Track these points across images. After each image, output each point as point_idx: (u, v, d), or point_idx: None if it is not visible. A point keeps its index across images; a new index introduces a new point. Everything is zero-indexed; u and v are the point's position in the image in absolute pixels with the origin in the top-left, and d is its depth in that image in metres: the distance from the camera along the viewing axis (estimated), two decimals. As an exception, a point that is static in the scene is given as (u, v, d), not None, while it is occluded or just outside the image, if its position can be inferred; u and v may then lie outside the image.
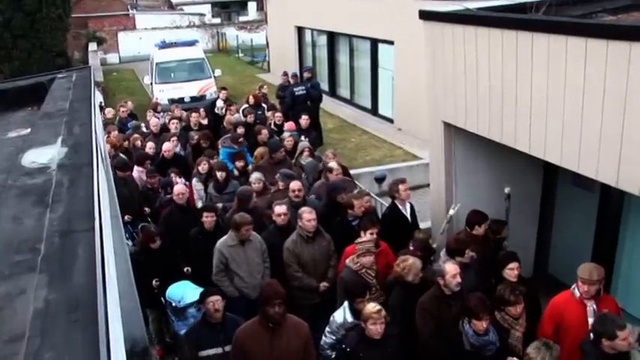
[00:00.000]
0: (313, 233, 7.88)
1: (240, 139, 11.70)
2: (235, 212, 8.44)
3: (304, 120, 13.54)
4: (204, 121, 14.83)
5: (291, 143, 11.82)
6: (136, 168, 11.17)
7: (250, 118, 14.08)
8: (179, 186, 9.61)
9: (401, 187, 8.74)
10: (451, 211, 8.93)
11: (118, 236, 6.26)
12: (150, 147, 12.30)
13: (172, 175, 10.91)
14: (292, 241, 7.93)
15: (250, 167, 11.34)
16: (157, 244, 8.40)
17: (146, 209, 10.27)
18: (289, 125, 13.42)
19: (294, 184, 9.01)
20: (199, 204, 10.23)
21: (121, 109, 15.72)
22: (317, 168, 10.43)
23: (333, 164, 9.94)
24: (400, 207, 8.77)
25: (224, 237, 8.01)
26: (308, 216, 7.83)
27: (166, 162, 11.66)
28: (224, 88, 17.30)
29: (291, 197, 8.89)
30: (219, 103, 16.32)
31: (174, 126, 13.42)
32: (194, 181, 10.61)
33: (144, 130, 14.32)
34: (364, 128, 18.82)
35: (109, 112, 15.67)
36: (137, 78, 30.34)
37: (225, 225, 8.50)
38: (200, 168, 10.67)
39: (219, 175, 10.02)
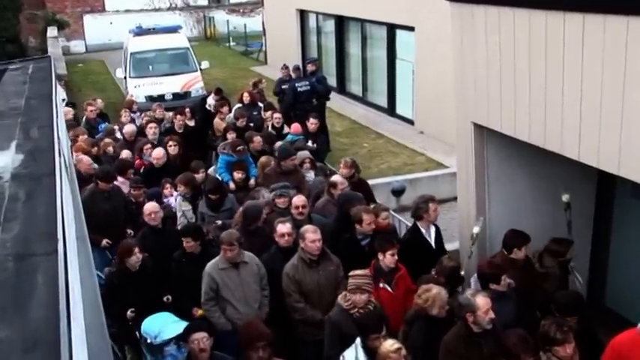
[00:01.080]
0: (318, 256, 7.86)
1: (240, 147, 11.59)
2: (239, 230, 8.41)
3: (312, 124, 13.46)
4: (191, 123, 14.82)
5: None
6: (118, 179, 10.94)
7: (242, 122, 13.98)
8: (149, 204, 9.48)
9: (431, 206, 8.67)
10: (475, 229, 8.87)
11: (84, 261, 6.23)
12: (126, 155, 12.21)
13: (167, 186, 10.86)
14: (292, 266, 7.90)
15: (252, 181, 11.31)
16: (135, 259, 8.36)
17: (129, 231, 10.14)
18: (295, 128, 13.31)
19: (298, 200, 8.97)
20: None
21: (89, 108, 15.61)
22: (322, 186, 10.33)
23: (336, 178, 9.89)
24: (423, 230, 8.75)
25: (215, 259, 8.01)
26: (312, 236, 7.79)
27: (156, 171, 11.55)
28: (219, 91, 17.15)
29: (293, 215, 8.86)
30: (211, 100, 16.28)
31: (152, 131, 13.22)
32: (179, 199, 10.42)
33: (118, 135, 14.20)
34: (379, 131, 18.84)
35: (68, 112, 15.20)
36: (107, 71, 30.41)
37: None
38: (182, 189, 10.39)
39: (214, 197, 9.91)
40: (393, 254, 7.73)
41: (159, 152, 11.79)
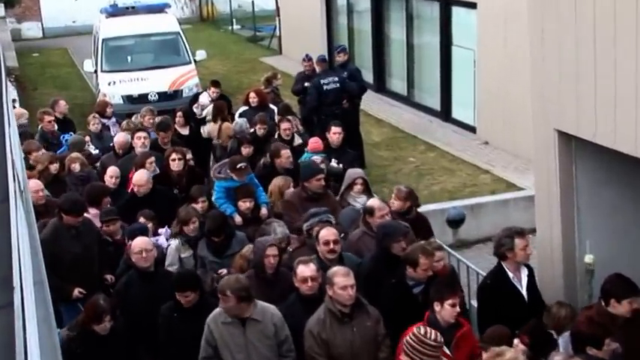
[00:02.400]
0: (351, 308, 7.82)
1: (242, 165, 11.45)
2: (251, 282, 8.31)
3: (335, 134, 13.36)
4: (185, 131, 14.79)
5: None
6: (90, 210, 10.64)
7: (261, 129, 13.95)
8: (140, 240, 9.29)
9: (518, 242, 8.51)
10: (588, 257, 8.75)
11: (43, 315, 6.23)
12: (112, 174, 11.88)
13: (141, 221, 10.50)
14: (318, 321, 7.86)
15: (264, 211, 11.16)
16: (104, 327, 8.34)
17: (108, 277, 10.03)
18: (314, 144, 13.19)
19: (327, 233, 8.90)
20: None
21: (46, 118, 14.90)
22: (357, 219, 10.23)
23: (374, 202, 9.85)
24: (510, 274, 8.62)
25: (219, 308, 8.00)
26: (343, 281, 7.75)
27: (138, 202, 11.20)
28: (216, 83, 17.21)
29: (322, 253, 8.79)
30: (203, 99, 16.26)
31: (140, 142, 12.93)
32: (174, 244, 10.16)
33: (91, 149, 14.04)
34: (430, 141, 18.84)
35: (22, 115, 15.00)
36: (72, 62, 30.68)
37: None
38: (188, 228, 10.08)
39: (217, 239, 9.83)
40: (455, 305, 7.66)
41: (141, 177, 11.37)
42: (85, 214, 10.34)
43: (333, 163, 12.71)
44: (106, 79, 21.42)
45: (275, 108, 15.92)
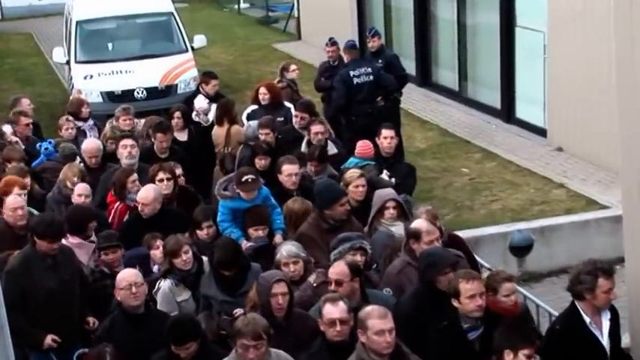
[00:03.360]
0: (389, 357, 7.75)
1: (249, 177, 11.34)
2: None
3: (387, 138, 13.25)
4: (183, 136, 14.84)
5: (361, 190, 11.39)
6: (70, 239, 10.64)
7: (269, 135, 13.73)
8: (126, 272, 9.30)
9: (602, 282, 8.35)
10: None
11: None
12: (82, 192, 11.66)
13: (157, 244, 10.52)
14: (348, 374, 7.87)
15: (278, 238, 11.08)
16: None
17: (90, 320, 10.01)
18: (364, 148, 13.16)
19: (337, 270, 8.85)
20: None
21: (22, 120, 14.78)
22: (392, 243, 10.27)
23: (420, 224, 9.79)
24: (587, 318, 8.52)
25: None
26: (379, 324, 7.71)
27: (143, 224, 11.23)
28: (211, 75, 17.33)
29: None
30: (200, 103, 16.30)
31: (126, 151, 12.90)
32: (166, 285, 10.02)
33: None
34: (488, 148, 18.91)
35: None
36: (39, 50, 31.04)
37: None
38: (180, 260, 9.93)
39: (229, 273, 9.68)
40: (531, 356, 7.57)
41: (147, 193, 11.29)
42: (65, 242, 10.28)
43: (384, 175, 12.66)
44: (82, 71, 21.54)
45: (292, 106, 15.74)
